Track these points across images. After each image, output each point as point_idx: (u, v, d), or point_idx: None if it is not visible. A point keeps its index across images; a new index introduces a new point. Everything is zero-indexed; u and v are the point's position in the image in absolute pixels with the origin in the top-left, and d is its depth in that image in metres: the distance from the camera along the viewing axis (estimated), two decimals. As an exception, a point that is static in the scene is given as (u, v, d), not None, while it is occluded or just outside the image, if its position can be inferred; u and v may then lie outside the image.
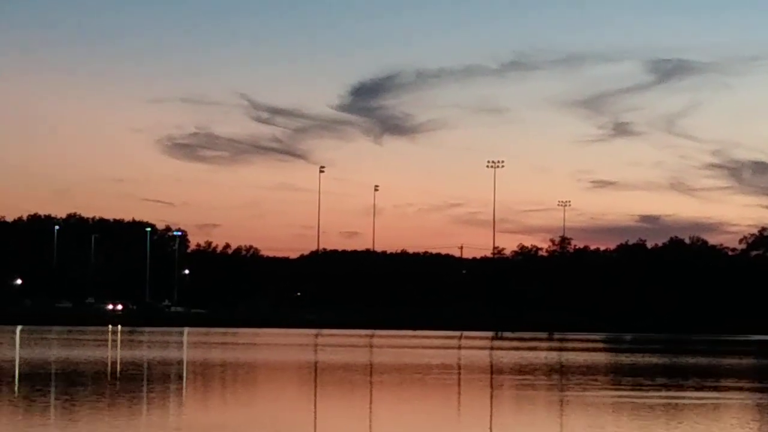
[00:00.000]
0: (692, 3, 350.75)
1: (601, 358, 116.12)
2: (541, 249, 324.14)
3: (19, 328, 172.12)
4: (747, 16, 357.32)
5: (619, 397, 60.30)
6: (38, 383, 61.99)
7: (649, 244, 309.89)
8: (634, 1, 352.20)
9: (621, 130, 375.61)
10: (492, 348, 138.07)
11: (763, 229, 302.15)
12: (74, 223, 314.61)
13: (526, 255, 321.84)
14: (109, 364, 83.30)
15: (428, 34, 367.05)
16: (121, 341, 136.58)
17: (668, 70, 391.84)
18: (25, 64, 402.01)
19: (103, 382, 65.44)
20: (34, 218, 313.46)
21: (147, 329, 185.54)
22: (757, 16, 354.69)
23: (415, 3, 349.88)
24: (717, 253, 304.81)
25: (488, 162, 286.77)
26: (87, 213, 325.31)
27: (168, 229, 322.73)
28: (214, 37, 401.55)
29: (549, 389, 66.37)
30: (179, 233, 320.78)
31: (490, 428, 45.55)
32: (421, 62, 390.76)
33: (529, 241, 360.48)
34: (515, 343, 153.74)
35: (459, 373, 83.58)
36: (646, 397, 59.31)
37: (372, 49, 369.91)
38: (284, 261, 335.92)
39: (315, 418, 48.85)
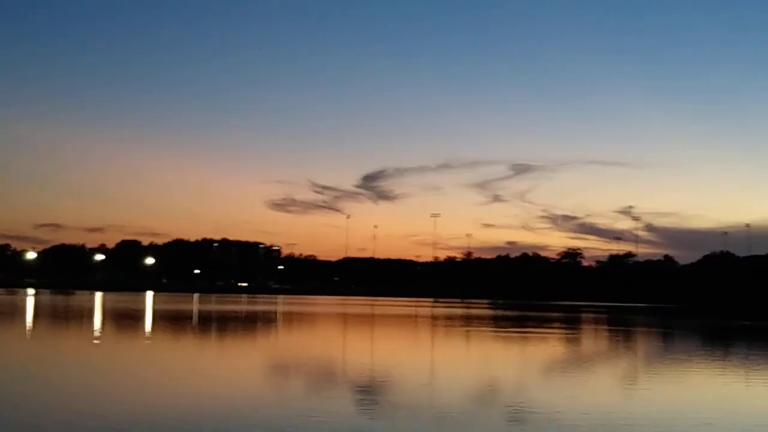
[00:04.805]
0: (539, 122, 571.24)
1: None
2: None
3: None
4: (563, 132, 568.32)
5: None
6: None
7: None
8: (497, 122, 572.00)
9: (497, 199, 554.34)
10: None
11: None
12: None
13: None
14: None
15: (400, 146, 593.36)
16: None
17: (521, 168, 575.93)
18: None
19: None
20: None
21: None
22: (566, 131, 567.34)
23: (395, 126, 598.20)
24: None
25: (431, 214, 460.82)
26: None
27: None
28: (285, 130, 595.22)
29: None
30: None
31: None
32: (398, 161, 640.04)
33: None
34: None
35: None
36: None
37: (372, 153, 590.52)
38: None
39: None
